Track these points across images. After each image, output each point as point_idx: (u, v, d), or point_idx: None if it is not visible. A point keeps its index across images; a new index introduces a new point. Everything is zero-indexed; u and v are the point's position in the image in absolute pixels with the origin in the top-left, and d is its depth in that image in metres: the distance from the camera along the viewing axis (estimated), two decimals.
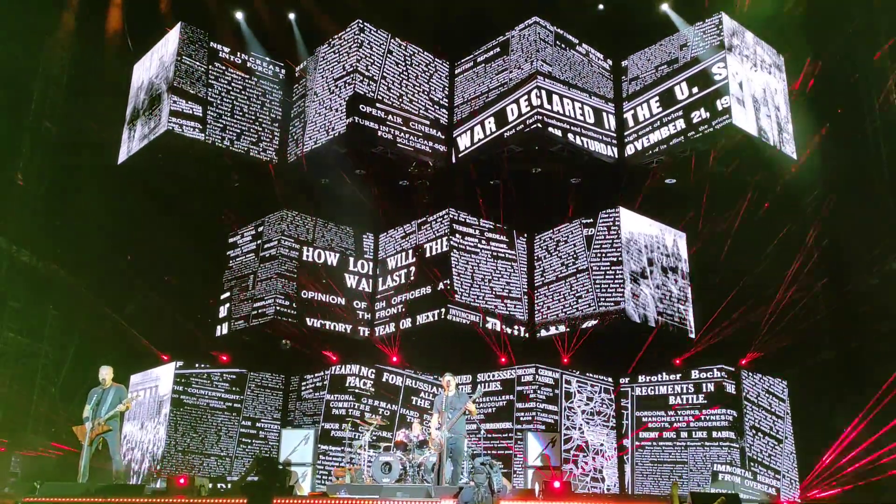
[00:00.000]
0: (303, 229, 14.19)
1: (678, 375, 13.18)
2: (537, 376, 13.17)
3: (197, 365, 13.60)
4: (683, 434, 12.83)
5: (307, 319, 13.76)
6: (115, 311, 14.33)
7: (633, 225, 13.56)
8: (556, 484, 9.63)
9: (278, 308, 13.52)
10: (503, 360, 13.64)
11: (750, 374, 12.90)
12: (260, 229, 14.40)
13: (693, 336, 13.64)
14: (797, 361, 13.07)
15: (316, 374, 13.96)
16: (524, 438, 12.18)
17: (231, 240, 14.96)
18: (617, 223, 13.34)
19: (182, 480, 9.68)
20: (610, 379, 13.79)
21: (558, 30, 13.74)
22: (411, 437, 10.72)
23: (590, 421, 13.44)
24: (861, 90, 13.30)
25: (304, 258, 14.06)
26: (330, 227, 14.53)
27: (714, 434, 12.52)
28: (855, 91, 13.33)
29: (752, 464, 12.39)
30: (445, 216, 13.78)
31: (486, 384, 13.70)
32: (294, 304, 13.69)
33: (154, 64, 14.73)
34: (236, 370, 13.98)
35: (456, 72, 14.87)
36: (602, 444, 13.40)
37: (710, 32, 13.11)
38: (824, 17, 13.52)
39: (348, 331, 14.26)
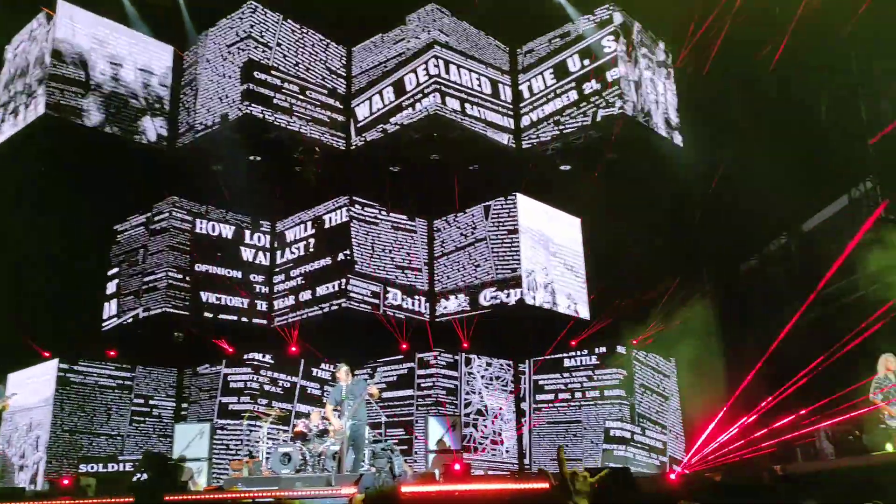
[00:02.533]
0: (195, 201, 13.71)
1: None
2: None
3: (81, 363, 12.91)
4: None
5: (201, 294, 13.35)
6: None
7: (530, 211, 13.75)
8: (457, 466, 9.83)
9: (170, 282, 13.05)
10: (404, 346, 13.60)
11: (643, 353, 13.51)
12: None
13: (587, 318, 13.93)
14: (685, 342, 13.67)
15: (212, 367, 13.55)
16: (425, 422, 12.28)
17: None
18: (514, 209, 13.52)
19: (66, 482, 9.28)
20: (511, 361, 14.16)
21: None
22: (311, 426, 10.56)
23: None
24: (746, 80, 14.02)
25: (198, 230, 13.62)
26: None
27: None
28: (740, 82, 14.04)
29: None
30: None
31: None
32: (187, 278, 13.26)
33: (30, 43, 13.79)
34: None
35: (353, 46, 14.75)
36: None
37: (601, 11, 13.51)
38: (709, 10, 14.02)
39: (245, 305, 13.96)
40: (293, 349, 13.54)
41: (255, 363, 13.12)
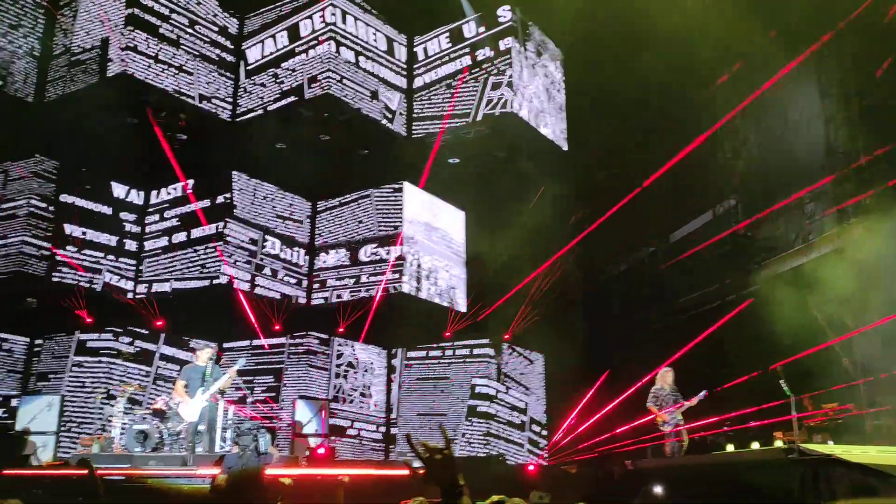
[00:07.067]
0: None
1: None
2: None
3: None
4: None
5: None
6: None
7: (416, 201, 13.73)
8: (321, 451, 9.81)
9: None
10: (277, 327, 13.14)
11: (513, 349, 13.80)
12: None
13: (464, 311, 13.97)
14: (552, 339, 14.03)
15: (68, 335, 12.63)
16: (294, 406, 12.11)
17: None
18: (400, 197, 13.52)
19: None
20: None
21: None
22: (171, 403, 10.14)
23: None
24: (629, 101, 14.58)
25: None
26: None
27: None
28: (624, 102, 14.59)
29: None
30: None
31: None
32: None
33: None
34: None
35: None
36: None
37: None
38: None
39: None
40: (158, 323, 12.83)
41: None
